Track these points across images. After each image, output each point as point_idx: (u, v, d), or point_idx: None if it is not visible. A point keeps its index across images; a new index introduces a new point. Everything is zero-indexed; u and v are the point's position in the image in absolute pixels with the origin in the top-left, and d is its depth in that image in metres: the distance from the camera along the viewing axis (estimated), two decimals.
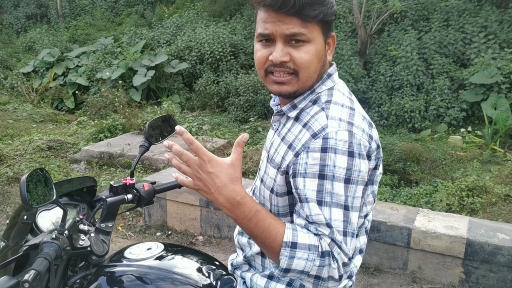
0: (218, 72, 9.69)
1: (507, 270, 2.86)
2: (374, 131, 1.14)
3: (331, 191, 1.04)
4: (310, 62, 1.12)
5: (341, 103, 1.14)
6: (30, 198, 1.28)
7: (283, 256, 1.04)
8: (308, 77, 1.14)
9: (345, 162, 1.04)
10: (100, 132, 6.61)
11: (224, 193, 1.06)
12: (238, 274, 1.37)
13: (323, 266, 1.04)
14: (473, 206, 4.34)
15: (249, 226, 1.07)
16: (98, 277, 1.56)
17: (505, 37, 7.87)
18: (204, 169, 1.05)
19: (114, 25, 14.21)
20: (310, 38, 1.10)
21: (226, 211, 1.08)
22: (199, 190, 1.08)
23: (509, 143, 6.60)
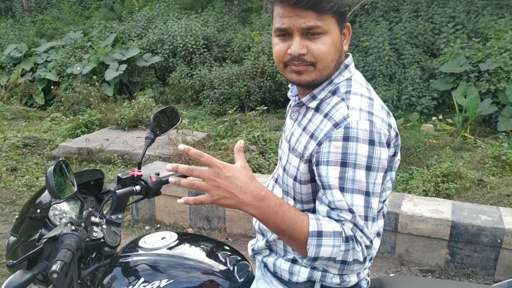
0: (192, 65, 9.64)
1: (490, 249, 3.01)
2: (392, 120, 1.19)
3: (353, 178, 1.09)
4: (328, 53, 1.15)
5: (360, 93, 1.18)
6: (58, 190, 1.30)
7: (311, 245, 1.08)
8: (325, 67, 1.17)
9: (366, 150, 1.09)
10: (77, 128, 6.51)
11: (249, 191, 1.07)
12: (259, 259, 1.41)
13: (348, 251, 1.08)
14: (448, 192, 4.49)
15: (276, 220, 1.09)
16: (113, 268, 1.58)
17: (473, 27, 8.10)
18: (221, 176, 1.05)
19: (82, 19, 13.93)
20: (326, 30, 1.14)
21: (252, 210, 1.08)
22: (218, 199, 1.06)
23: (478, 130, 6.83)
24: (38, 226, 1.60)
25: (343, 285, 1.27)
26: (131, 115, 6.44)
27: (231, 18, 11.42)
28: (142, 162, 1.82)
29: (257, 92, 8.17)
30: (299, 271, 1.27)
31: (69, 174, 1.42)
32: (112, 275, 1.58)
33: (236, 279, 1.56)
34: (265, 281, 1.37)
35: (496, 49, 7.27)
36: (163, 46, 9.98)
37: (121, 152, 5.42)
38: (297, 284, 1.29)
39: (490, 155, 5.24)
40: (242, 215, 3.68)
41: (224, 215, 3.73)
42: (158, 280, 1.50)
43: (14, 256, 1.65)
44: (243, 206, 1.07)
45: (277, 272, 1.33)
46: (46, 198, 1.64)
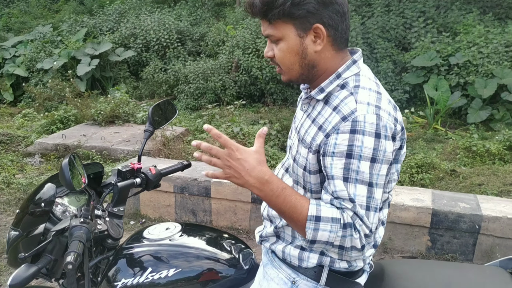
0: (165, 60, 9.56)
1: (468, 235, 3.15)
2: (398, 114, 1.26)
3: (357, 169, 1.15)
4: (283, 57, 1.27)
5: (369, 88, 1.24)
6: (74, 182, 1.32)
7: (309, 228, 1.16)
8: (288, 69, 1.29)
9: (372, 143, 1.15)
10: (52, 124, 6.39)
11: (254, 174, 1.18)
12: (267, 246, 1.46)
13: (345, 237, 1.15)
14: (423, 182, 4.63)
15: (277, 203, 1.19)
16: (118, 259, 1.60)
17: (442, 22, 8.32)
18: (233, 157, 1.17)
19: (51, 12, 13.60)
20: (280, 37, 1.24)
21: (256, 190, 1.20)
22: (230, 177, 1.20)
23: (449, 122, 7.04)
24: (41, 221, 1.61)
25: (350, 269, 1.34)
26: (107, 110, 6.37)
27: (205, 12, 11.38)
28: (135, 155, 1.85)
29: (232, 86, 8.19)
30: (308, 257, 1.33)
31: (78, 166, 1.44)
32: (117, 266, 1.61)
33: (242, 267, 1.62)
34: (274, 266, 1.42)
35: (465, 43, 7.50)
36: (136, 40, 9.87)
37: (99, 147, 5.37)
38: (306, 269, 1.35)
39: (461, 146, 5.42)
40: (228, 208, 3.73)
41: (210, 208, 3.76)
42: (165, 270, 1.54)
43: (16, 250, 1.65)
44: (248, 186, 1.20)
45: (286, 259, 1.39)
46: (48, 192, 1.64)
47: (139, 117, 6.54)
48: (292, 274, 1.37)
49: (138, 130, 6.06)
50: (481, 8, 8.66)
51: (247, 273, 1.62)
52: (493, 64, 7.04)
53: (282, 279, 1.38)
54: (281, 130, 5.95)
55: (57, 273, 1.62)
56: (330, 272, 1.34)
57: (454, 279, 1.43)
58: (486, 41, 7.42)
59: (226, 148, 1.18)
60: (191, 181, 3.76)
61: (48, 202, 1.61)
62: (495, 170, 4.71)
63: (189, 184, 3.77)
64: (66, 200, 1.73)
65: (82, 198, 1.79)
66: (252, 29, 8.46)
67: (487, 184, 4.37)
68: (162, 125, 1.89)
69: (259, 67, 7.93)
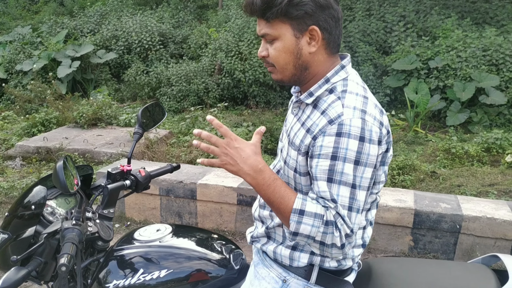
0: (148, 62, 9.52)
1: (449, 235, 3.23)
2: (384, 118, 1.30)
3: (342, 171, 1.19)
4: (278, 57, 1.30)
5: (356, 92, 1.28)
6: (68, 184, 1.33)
7: (292, 220, 1.20)
8: (282, 69, 1.32)
9: (356, 146, 1.19)
10: (33, 126, 6.31)
11: (249, 162, 1.23)
12: (258, 247, 1.49)
13: (327, 234, 1.19)
14: (404, 183, 4.71)
15: (267, 192, 1.24)
16: (109, 261, 1.61)
17: (422, 26, 8.47)
18: (231, 146, 1.24)
19: (30, 13, 13.43)
20: (277, 36, 1.28)
21: (249, 178, 1.25)
22: (225, 164, 1.25)
23: (429, 124, 7.17)
24: (31, 223, 1.61)
25: (339, 268, 1.38)
26: (90, 113, 6.32)
27: (187, 15, 11.37)
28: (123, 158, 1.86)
29: (215, 89, 8.20)
30: (299, 256, 1.37)
31: (71, 169, 1.45)
32: (108, 268, 1.61)
33: (233, 267, 1.64)
34: (265, 265, 1.45)
35: (444, 47, 7.65)
36: (117, 42, 9.81)
37: (82, 150, 5.33)
38: (297, 268, 1.38)
39: (440, 148, 5.52)
40: (214, 210, 3.74)
41: (195, 211, 3.77)
42: (157, 271, 1.55)
43: (4, 253, 1.64)
44: (242, 174, 1.25)
45: (278, 259, 1.42)
46: (38, 195, 1.64)
47: (121, 119, 6.51)
48: (283, 273, 1.40)
49: (121, 132, 6.03)
50: (459, 13, 8.84)
51: (238, 273, 1.64)
52: (471, 68, 7.19)
53: (273, 278, 1.41)
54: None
55: (47, 275, 1.62)
56: (320, 271, 1.37)
57: (438, 276, 1.48)
58: (464, 45, 7.58)
59: (225, 137, 1.24)
60: (177, 183, 3.76)
61: (39, 205, 1.61)
62: (473, 171, 4.82)
63: (174, 186, 3.77)
64: (55, 203, 1.73)
65: (72, 201, 1.79)
66: (235, 32, 8.49)
67: (466, 185, 4.47)
68: (152, 127, 1.91)
69: (242, 69, 7.96)
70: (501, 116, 6.98)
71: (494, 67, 7.21)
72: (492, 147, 5.46)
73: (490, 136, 5.56)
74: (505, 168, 4.93)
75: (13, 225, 1.64)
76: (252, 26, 8.33)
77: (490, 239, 3.18)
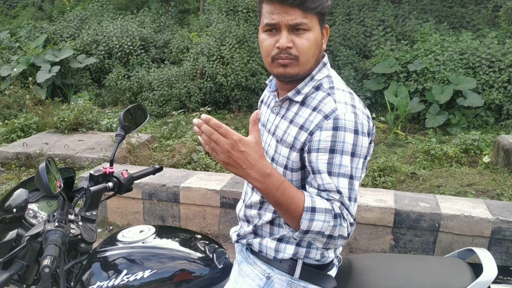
0: (129, 67, 9.48)
1: (429, 233, 3.30)
2: (367, 111, 1.36)
3: (340, 163, 1.24)
4: (310, 48, 1.30)
5: (342, 89, 1.34)
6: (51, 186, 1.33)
7: (304, 219, 1.20)
8: (307, 61, 1.32)
9: (352, 139, 1.24)
10: (12, 132, 6.23)
11: (256, 168, 1.17)
12: (243, 243, 1.51)
13: (336, 226, 1.22)
14: (385, 185, 4.78)
15: (276, 195, 1.20)
16: (92, 263, 1.61)
17: (401, 30, 8.62)
18: (236, 149, 1.14)
19: (8, 18, 13.24)
20: (310, 27, 1.29)
21: (257, 183, 1.19)
22: (227, 165, 1.17)
23: (409, 127, 7.28)
24: (13, 227, 1.60)
25: (322, 261, 1.41)
26: (71, 118, 6.26)
27: (168, 19, 11.36)
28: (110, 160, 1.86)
29: (197, 93, 8.20)
30: (285, 248, 1.40)
31: (54, 171, 1.45)
32: (91, 270, 1.61)
33: (216, 266, 1.66)
34: (248, 263, 1.47)
35: (422, 51, 7.79)
36: (98, 47, 9.75)
37: (63, 156, 5.28)
38: (280, 263, 1.41)
39: (420, 150, 5.62)
40: (197, 213, 3.75)
41: (178, 214, 3.77)
42: (141, 271, 1.56)
43: None
44: (249, 178, 1.18)
45: (263, 251, 1.44)
46: (20, 198, 1.64)
47: (103, 124, 6.47)
48: (267, 269, 1.43)
49: (103, 137, 5.99)
50: (437, 18, 9.02)
51: (221, 272, 1.66)
52: (448, 71, 7.34)
53: (257, 275, 1.43)
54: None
55: (29, 279, 1.61)
56: (304, 266, 1.40)
57: (416, 269, 1.53)
58: (442, 49, 7.73)
59: (227, 138, 1.13)
60: (160, 187, 3.76)
61: (20, 208, 1.60)
62: (452, 172, 4.91)
63: (157, 190, 3.77)
64: (37, 206, 1.73)
65: (54, 204, 1.78)
66: (217, 37, 8.51)
67: (445, 186, 4.56)
68: (134, 129, 1.91)
69: (224, 74, 7.99)
70: (478, 118, 7.14)
71: (471, 70, 7.37)
72: (470, 148, 5.58)
73: (468, 137, 5.69)
74: (482, 169, 5.04)
75: None
76: (234, 31, 8.36)
77: (468, 236, 3.25)
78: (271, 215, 1.41)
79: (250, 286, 1.43)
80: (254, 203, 1.46)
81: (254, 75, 8.00)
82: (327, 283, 1.42)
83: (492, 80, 7.14)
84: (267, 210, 1.43)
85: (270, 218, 1.41)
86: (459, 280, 1.45)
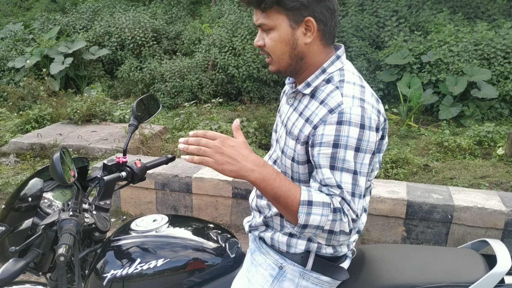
0: (141, 58, 9.51)
1: (441, 225, 3.28)
2: (380, 106, 1.33)
3: (344, 158, 1.22)
4: (274, 47, 1.32)
5: (353, 82, 1.31)
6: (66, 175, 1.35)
7: (301, 213, 1.20)
8: (278, 59, 1.34)
9: (357, 133, 1.22)
10: (27, 123, 6.29)
11: (251, 159, 1.21)
12: (255, 234, 1.52)
13: (336, 221, 1.21)
14: (397, 177, 4.76)
15: (274, 186, 1.21)
16: (106, 252, 1.63)
17: (414, 21, 8.52)
18: (226, 144, 1.20)
19: (22, 10, 13.34)
20: (273, 26, 1.30)
21: (255, 175, 1.21)
22: (223, 165, 1.19)
23: (422, 118, 7.22)
24: (28, 215, 1.63)
25: (335, 254, 1.41)
26: (84, 109, 6.32)
27: (180, 11, 11.35)
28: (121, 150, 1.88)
29: (209, 85, 8.20)
30: (296, 243, 1.39)
31: (68, 161, 1.46)
32: (105, 259, 1.63)
33: (228, 255, 1.67)
34: (261, 252, 1.48)
35: (436, 42, 7.70)
36: (110, 38, 9.78)
37: (76, 146, 5.33)
38: (294, 255, 1.41)
39: (433, 142, 5.58)
40: (210, 204, 3.77)
41: (191, 204, 3.80)
42: (154, 260, 1.58)
43: (2, 245, 1.66)
44: (245, 171, 1.20)
45: (275, 245, 1.44)
46: (35, 187, 1.66)
47: (116, 115, 6.51)
48: (279, 259, 1.43)
49: (116, 128, 6.03)
50: (451, 8, 8.89)
51: (234, 261, 1.67)
52: (463, 62, 7.25)
53: (270, 264, 1.44)
54: (258, 128, 6.02)
55: (44, 267, 1.64)
56: (317, 257, 1.40)
57: (429, 261, 1.52)
58: (456, 39, 7.63)
59: (216, 139, 1.20)
60: (172, 177, 3.79)
61: (36, 197, 1.63)
62: (465, 164, 4.87)
63: (170, 180, 3.80)
64: (52, 195, 1.75)
65: (68, 193, 1.81)
66: (228, 28, 8.49)
67: (459, 178, 4.52)
68: (146, 119, 1.92)
69: (236, 65, 7.98)
70: (493, 109, 7.05)
71: (485, 61, 7.27)
72: (484, 140, 5.52)
73: (481, 129, 5.63)
74: (496, 161, 4.99)
75: (10, 217, 1.65)
76: (246, 22, 8.34)
77: (481, 228, 3.23)
78: None
79: (262, 275, 1.44)
80: None
81: (266, 66, 7.97)
82: (340, 275, 1.41)
83: (507, 72, 7.03)
84: None
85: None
86: (472, 271, 1.44)
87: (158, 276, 1.58)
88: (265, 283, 1.43)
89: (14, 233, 1.63)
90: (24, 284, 1.89)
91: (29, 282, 1.91)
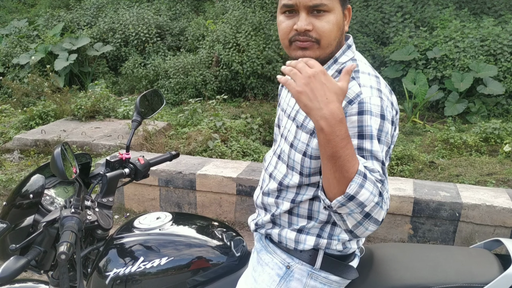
0: (145, 55, 9.48)
1: (449, 223, 3.24)
2: (393, 97, 1.28)
3: (371, 148, 1.14)
4: (331, 30, 1.22)
5: (367, 72, 1.26)
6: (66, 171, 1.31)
7: (355, 182, 1.06)
8: (328, 44, 1.24)
9: (378, 124, 1.16)
10: (31, 119, 6.28)
11: (331, 108, 1.05)
12: (262, 232, 1.47)
13: (378, 204, 1.09)
14: (403, 174, 4.72)
15: (339, 146, 1.06)
16: (109, 250, 1.60)
17: (419, 17, 8.45)
18: (318, 78, 1.05)
19: (26, 6, 13.33)
20: (331, 8, 1.21)
21: (325, 123, 1.05)
22: (301, 93, 1.06)
23: (427, 115, 7.18)
24: (30, 212, 1.59)
25: (344, 252, 1.37)
26: (88, 105, 6.30)
27: (184, 7, 11.31)
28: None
29: (213, 81, 8.17)
30: (305, 239, 1.35)
31: (69, 157, 1.43)
32: (108, 257, 1.60)
33: (234, 254, 1.63)
34: (268, 251, 1.44)
35: (442, 38, 7.64)
36: (114, 35, 9.76)
37: (80, 143, 5.31)
38: (301, 253, 1.37)
39: (439, 138, 5.54)
40: (213, 201, 3.74)
41: (195, 201, 3.77)
42: (157, 259, 1.54)
43: (3, 243, 1.63)
44: (317, 115, 1.06)
45: (282, 242, 1.40)
46: (36, 183, 1.63)
47: (120, 112, 6.49)
48: (287, 258, 1.39)
49: (119, 125, 6.01)
50: (457, 3, 8.82)
51: (239, 260, 1.64)
52: (469, 58, 7.18)
53: (276, 264, 1.40)
54: (262, 125, 5.98)
55: (46, 265, 1.61)
56: (325, 256, 1.36)
57: (441, 260, 1.48)
58: (462, 35, 7.57)
59: (314, 68, 1.07)
60: (176, 174, 3.76)
61: (37, 194, 1.59)
62: (472, 161, 4.83)
63: (173, 177, 3.77)
64: (53, 192, 1.72)
65: (70, 190, 1.77)
66: (232, 24, 8.45)
67: (465, 175, 4.48)
68: (150, 115, 1.89)
69: (240, 61, 7.94)
70: (499, 106, 6.99)
71: (492, 57, 7.21)
72: (490, 137, 5.47)
73: (488, 126, 5.58)
74: (503, 158, 4.94)
75: (11, 214, 1.62)
76: (250, 18, 8.28)
77: (489, 226, 3.19)
78: (289, 205, 1.36)
79: (269, 275, 1.40)
80: (271, 190, 1.41)
81: (270, 62, 7.93)
82: (349, 274, 1.37)
83: None
84: (284, 199, 1.38)
85: (288, 208, 1.37)
86: (486, 271, 1.40)
87: (162, 275, 1.54)
88: (271, 283, 1.39)
89: (15, 231, 1.59)
90: (26, 282, 1.87)
91: (30, 280, 1.88)
